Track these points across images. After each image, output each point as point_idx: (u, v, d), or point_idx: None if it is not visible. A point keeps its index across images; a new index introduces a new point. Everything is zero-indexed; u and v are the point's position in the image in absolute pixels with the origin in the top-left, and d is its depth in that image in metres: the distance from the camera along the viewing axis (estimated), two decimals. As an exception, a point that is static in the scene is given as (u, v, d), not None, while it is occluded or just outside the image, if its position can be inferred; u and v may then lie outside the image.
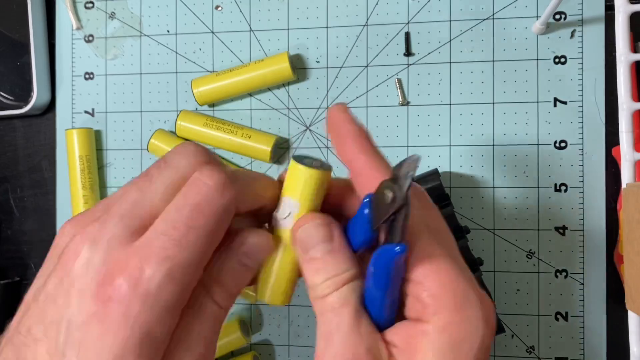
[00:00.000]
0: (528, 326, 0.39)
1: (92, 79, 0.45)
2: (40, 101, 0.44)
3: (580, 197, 0.39)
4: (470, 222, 0.40)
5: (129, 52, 0.44)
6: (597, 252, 0.38)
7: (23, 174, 0.46)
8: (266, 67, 0.40)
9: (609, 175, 0.38)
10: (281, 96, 0.42)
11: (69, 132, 0.43)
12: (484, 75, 0.40)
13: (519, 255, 0.39)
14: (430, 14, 0.40)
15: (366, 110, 0.41)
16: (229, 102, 0.43)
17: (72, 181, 0.43)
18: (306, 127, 0.42)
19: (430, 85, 0.40)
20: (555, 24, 0.39)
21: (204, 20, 0.43)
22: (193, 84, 0.42)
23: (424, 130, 0.40)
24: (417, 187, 0.26)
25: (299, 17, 0.42)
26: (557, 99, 0.39)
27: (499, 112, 0.39)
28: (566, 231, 0.39)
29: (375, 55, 0.41)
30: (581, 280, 0.39)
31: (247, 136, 0.41)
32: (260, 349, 0.42)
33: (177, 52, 0.43)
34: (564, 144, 0.39)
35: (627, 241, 0.29)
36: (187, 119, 0.42)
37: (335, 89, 0.41)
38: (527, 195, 0.39)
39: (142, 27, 0.44)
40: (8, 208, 0.46)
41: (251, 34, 0.42)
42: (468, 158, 0.40)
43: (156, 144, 0.42)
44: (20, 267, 0.46)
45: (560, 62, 0.39)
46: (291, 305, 0.42)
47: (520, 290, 0.39)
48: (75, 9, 0.45)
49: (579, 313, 0.39)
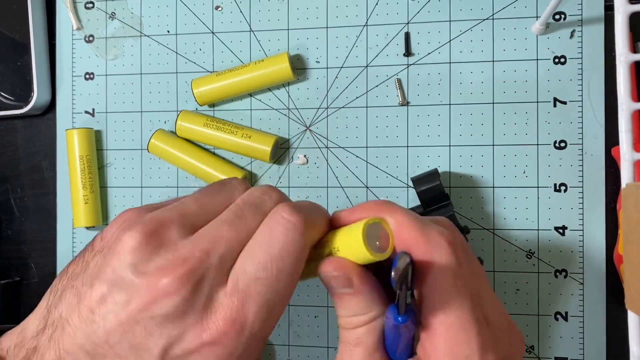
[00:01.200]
0: (528, 326, 0.39)
1: (93, 79, 0.45)
2: (41, 101, 0.44)
3: (579, 197, 0.39)
4: (470, 222, 0.40)
5: (129, 52, 0.44)
6: (596, 252, 0.38)
7: (23, 174, 0.46)
8: (266, 67, 0.40)
9: (609, 175, 0.38)
10: (281, 96, 0.42)
11: (69, 132, 0.43)
12: (484, 75, 0.40)
13: (518, 255, 0.39)
14: (430, 14, 0.40)
15: (366, 110, 0.41)
16: (229, 102, 0.43)
17: (72, 181, 0.43)
18: (306, 127, 0.42)
19: (430, 85, 0.40)
20: (555, 24, 0.39)
21: (204, 20, 0.43)
22: (193, 84, 0.42)
23: (424, 130, 0.40)
24: (461, 243, 0.25)
25: (299, 17, 0.42)
26: (556, 99, 0.39)
27: (499, 112, 0.40)
28: (566, 231, 0.39)
29: (375, 55, 0.41)
30: (581, 280, 0.39)
31: (247, 136, 0.41)
32: (260, 349, 0.42)
33: (177, 52, 0.43)
34: (564, 144, 0.39)
35: (627, 241, 0.29)
36: (187, 119, 0.42)
37: (335, 89, 0.41)
38: (527, 195, 0.39)
39: (143, 28, 0.44)
40: (8, 208, 0.46)
41: (251, 34, 0.42)
42: (468, 158, 0.40)
43: (156, 144, 0.42)
44: (20, 267, 0.46)
45: (560, 62, 0.39)
46: (291, 305, 0.42)
47: (520, 290, 0.39)
48: (76, 9, 0.45)
49: (579, 313, 0.39)
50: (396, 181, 0.41)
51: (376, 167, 0.41)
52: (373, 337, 0.24)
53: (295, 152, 0.42)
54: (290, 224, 0.23)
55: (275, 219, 0.23)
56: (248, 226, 0.24)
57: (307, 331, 0.42)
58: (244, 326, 0.22)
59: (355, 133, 0.41)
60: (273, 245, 0.23)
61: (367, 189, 0.41)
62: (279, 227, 0.23)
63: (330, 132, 0.41)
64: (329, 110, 0.42)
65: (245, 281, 0.22)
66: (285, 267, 0.23)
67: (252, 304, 0.22)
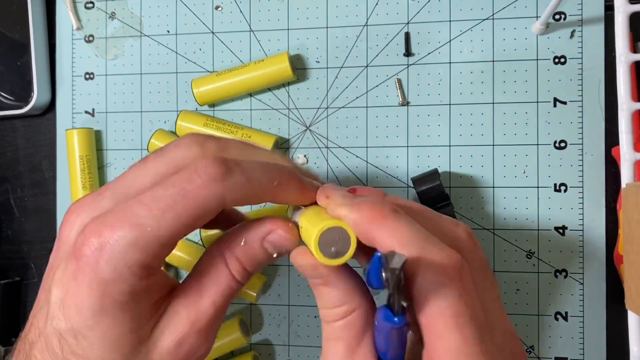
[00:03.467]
0: (528, 326, 0.39)
1: (93, 79, 0.45)
2: (41, 101, 0.44)
3: (580, 197, 0.39)
4: (470, 222, 0.40)
5: (129, 52, 0.44)
6: (596, 252, 0.38)
7: (23, 174, 0.46)
8: (266, 67, 0.40)
9: (609, 175, 0.38)
10: (281, 96, 0.42)
11: (69, 132, 0.43)
12: (484, 75, 0.40)
13: (518, 255, 0.39)
14: (430, 14, 0.40)
15: (366, 110, 0.41)
16: (229, 102, 0.43)
17: (72, 181, 0.43)
18: (306, 127, 0.42)
19: (430, 85, 0.40)
20: (555, 24, 0.39)
21: (204, 20, 0.43)
22: (193, 84, 0.42)
23: (424, 130, 0.40)
24: (476, 261, 0.24)
25: (299, 17, 0.42)
26: (556, 99, 0.39)
27: (499, 112, 0.40)
28: (566, 231, 0.39)
29: (375, 55, 0.41)
30: (581, 280, 0.39)
31: (247, 136, 0.41)
32: (260, 349, 0.42)
33: (177, 52, 0.43)
34: (564, 144, 0.39)
35: (627, 241, 0.29)
36: (187, 119, 0.42)
37: (335, 89, 0.41)
38: (527, 195, 0.39)
39: (142, 27, 0.44)
40: (8, 208, 0.46)
41: (251, 34, 0.42)
42: (468, 158, 0.40)
43: (156, 144, 0.42)
44: (20, 267, 0.46)
45: (560, 62, 0.39)
46: (291, 305, 0.42)
47: (520, 290, 0.39)
48: (76, 9, 0.45)
49: (579, 313, 0.39)
50: (396, 181, 0.41)
51: (376, 167, 0.41)
52: (352, 332, 0.24)
53: (295, 152, 0.42)
54: (196, 177, 0.23)
55: (185, 169, 0.24)
56: (147, 169, 0.25)
57: (307, 331, 0.42)
58: (105, 243, 0.23)
59: (355, 133, 0.41)
60: (172, 187, 0.23)
61: (367, 189, 0.41)
62: (184, 175, 0.24)
63: (330, 132, 0.41)
64: (329, 110, 0.42)
65: (130, 203, 0.23)
66: (176, 207, 0.23)
67: (125, 224, 0.23)
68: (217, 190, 0.23)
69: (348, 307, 0.24)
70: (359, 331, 0.24)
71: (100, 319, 0.23)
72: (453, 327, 0.21)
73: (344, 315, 0.24)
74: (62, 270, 0.24)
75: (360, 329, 0.24)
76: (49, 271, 0.25)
